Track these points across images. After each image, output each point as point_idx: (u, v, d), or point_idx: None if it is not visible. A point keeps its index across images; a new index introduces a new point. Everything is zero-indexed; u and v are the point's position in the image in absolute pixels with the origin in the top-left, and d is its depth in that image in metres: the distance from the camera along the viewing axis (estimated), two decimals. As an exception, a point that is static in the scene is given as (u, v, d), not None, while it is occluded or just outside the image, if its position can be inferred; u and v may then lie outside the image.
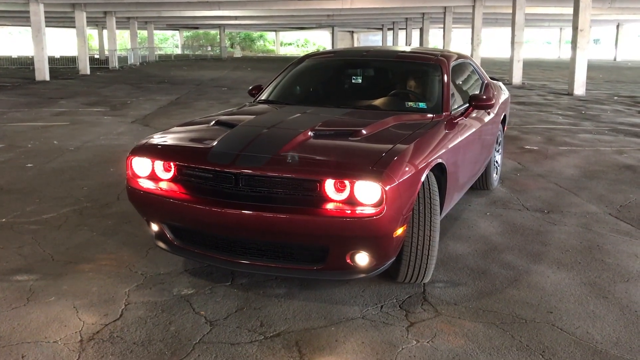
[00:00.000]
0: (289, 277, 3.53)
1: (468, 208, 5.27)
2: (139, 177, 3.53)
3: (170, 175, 3.44)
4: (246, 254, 3.32)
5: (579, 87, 16.71)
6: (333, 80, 4.90)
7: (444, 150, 3.73)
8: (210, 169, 3.24)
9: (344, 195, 3.07)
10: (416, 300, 3.41)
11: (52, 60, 29.20)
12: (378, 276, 3.43)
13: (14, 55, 32.83)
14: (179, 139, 3.69)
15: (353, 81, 4.78)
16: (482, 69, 5.81)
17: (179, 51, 58.77)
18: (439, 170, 3.70)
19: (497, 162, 5.96)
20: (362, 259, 3.17)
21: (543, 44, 66.44)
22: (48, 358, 2.77)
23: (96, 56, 37.89)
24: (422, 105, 4.30)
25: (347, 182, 3.05)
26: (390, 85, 4.65)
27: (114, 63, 30.46)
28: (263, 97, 4.77)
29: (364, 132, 3.54)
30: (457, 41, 41.71)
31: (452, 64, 4.71)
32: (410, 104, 4.32)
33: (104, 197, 5.45)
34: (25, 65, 29.94)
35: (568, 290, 3.55)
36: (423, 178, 3.31)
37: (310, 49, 62.97)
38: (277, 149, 3.24)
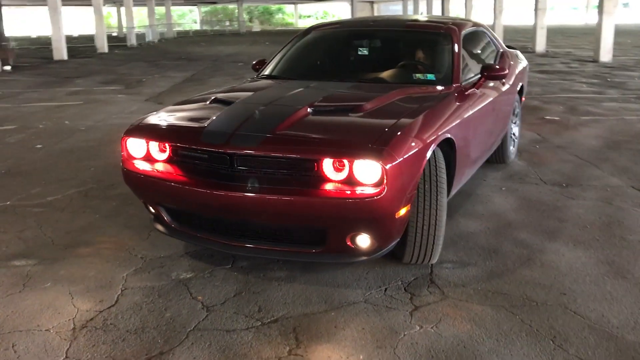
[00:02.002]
0: (290, 260, 3.40)
1: (483, 183, 5.08)
2: (135, 159, 3.41)
3: (165, 156, 3.32)
4: (243, 236, 3.19)
5: (606, 54, 16.15)
6: (338, 53, 4.71)
7: (452, 125, 3.53)
8: (204, 150, 3.10)
9: (343, 175, 2.91)
10: (422, 282, 3.27)
11: (70, 39, 29.29)
12: (383, 257, 3.28)
13: (33, 35, 32.96)
14: (175, 118, 3.56)
15: (359, 53, 4.58)
16: (497, 38, 5.55)
17: (197, 27, 58.49)
18: (448, 146, 3.52)
19: (514, 134, 5.73)
20: (363, 241, 3.02)
21: (569, 9, 64.57)
22: (38, 347, 2.70)
23: (114, 34, 37.85)
24: (430, 77, 4.09)
25: (345, 161, 2.89)
26: (398, 57, 4.43)
27: (132, 40, 30.36)
28: (266, 72, 4.60)
29: (366, 107, 3.36)
30: (480, 9, 40.70)
31: (464, 32, 4.47)
32: (418, 75, 4.12)
33: (109, 178, 5.37)
34: (44, 45, 29.98)
35: (584, 270, 3.37)
36: (429, 155, 3.14)
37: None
38: (273, 127, 3.08)
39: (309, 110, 3.29)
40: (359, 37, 4.67)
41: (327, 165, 2.91)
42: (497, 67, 4.16)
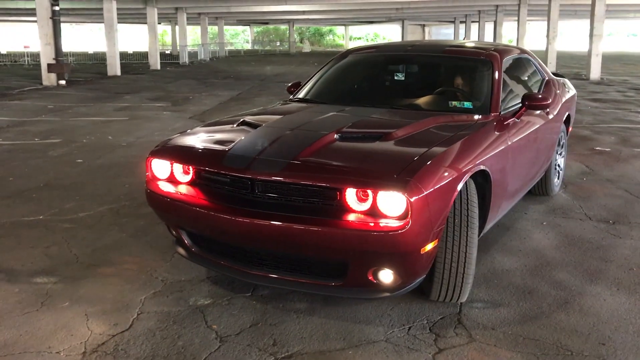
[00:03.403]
0: (309, 292, 3.26)
1: (524, 216, 4.84)
2: (159, 180, 3.36)
3: (189, 178, 3.26)
4: (262, 265, 3.08)
5: (663, 83, 15.50)
6: (373, 77, 4.59)
7: (488, 155, 3.36)
8: (225, 173, 3.03)
9: (366, 205, 2.78)
10: (449, 322, 3.08)
11: (125, 55, 30.15)
12: (410, 293, 3.11)
13: (90, 51, 34.14)
14: (200, 140, 3.50)
15: (395, 78, 4.45)
16: (543, 65, 5.33)
17: (249, 46, 59.52)
18: (483, 178, 3.34)
19: (558, 165, 5.47)
20: (386, 276, 2.87)
21: (627, 36, 62.82)
22: (46, 371, 2.64)
23: (167, 52, 38.84)
24: (467, 104, 3.92)
25: (369, 192, 2.76)
26: (435, 83, 4.28)
27: (184, 58, 31.07)
28: (300, 95, 4.52)
29: (396, 134, 3.22)
30: (533, 34, 40.05)
31: (506, 59, 4.30)
32: (455, 103, 3.95)
33: (142, 196, 5.31)
34: (100, 61, 31.01)
35: (627, 318, 3.11)
36: (460, 187, 2.97)
37: (380, 43, 62.05)
38: (297, 153, 2.98)
39: (335, 136, 3.18)
40: (395, 62, 4.54)
41: (350, 195, 2.79)
42: (540, 96, 3.96)
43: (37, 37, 17.29)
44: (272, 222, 2.82)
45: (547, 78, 5.11)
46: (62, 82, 17.37)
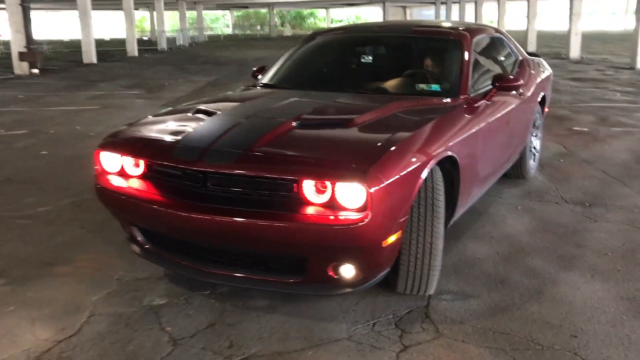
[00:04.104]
0: (267, 290, 3.10)
1: (498, 201, 4.71)
2: (109, 174, 3.17)
3: (140, 172, 3.07)
4: (218, 262, 2.91)
5: (643, 61, 15.47)
6: (339, 60, 4.40)
7: (456, 140, 3.21)
8: (175, 166, 2.84)
9: (325, 198, 2.61)
10: (416, 316, 2.94)
11: (102, 42, 29.60)
12: (376, 286, 2.96)
13: (66, 38, 33.42)
14: (152, 130, 3.30)
15: (362, 61, 4.27)
16: (516, 45, 5.17)
17: (229, 31, 58.81)
18: (451, 164, 3.19)
19: (534, 147, 5.34)
20: (348, 271, 2.71)
21: (608, 15, 62.87)
22: (-17, 383, 2.47)
23: (145, 38, 38.19)
24: (435, 87, 3.76)
25: (327, 183, 2.59)
26: (403, 65, 4.10)
27: (163, 44, 30.53)
28: (264, 79, 4.32)
29: (357, 120, 3.05)
30: (514, 14, 39.89)
31: (476, 39, 4.13)
32: (422, 86, 3.79)
33: (105, 188, 5.15)
34: (76, 49, 30.35)
35: (600, 307, 3.00)
36: (424, 175, 2.81)
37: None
38: (251, 143, 2.80)
39: (293, 124, 3.00)
40: (361, 43, 4.36)
41: (308, 186, 2.62)
42: (511, 77, 3.82)
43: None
44: (224, 217, 2.65)
45: (520, 58, 4.96)
46: (35, 70, 16.92)
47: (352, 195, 2.55)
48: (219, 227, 2.67)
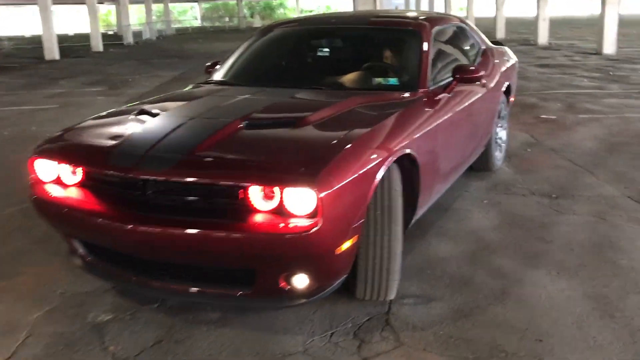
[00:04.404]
0: (215, 304, 2.91)
1: (464, 195, 4.59)
2: (45, 183, 2.95)
3: (78, 180, 2.85)
4: (163, 275, 2.72)
5: (609, 46, 15.58)
6: (295, 54, 4.21)
7: (414, 137, 3.06)
8: (112, 174, 2.64)
9: (273, 204, 2.44)
10: (376, 324, 2.79)
11: (66, 38, 28.88)
12: (337, 291, 2.80)
13: (27, 34, 32.53)
14: (90, 135, 3.09)
15: (318, 55, 4.09)
16: (480, 34, 5.04)
17: (198, 23, 58.00)
18: (410, 161, 3.03)
19: (500, 138, 5.22)
20: (300, 281, 2.54)
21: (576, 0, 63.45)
22: None
23: (110, 32, 37.39)
24: (393, 81, 3.60)
25: (275, 189, 2.42)
26: (361, 58, 3.92)
27: (129, 39, 29.87)
28: (216, 76, 4.11)
29: (310, 119, 2.88)
30: (483, 1, 39.97)
31: (436, 29, 3.98)
32: (380, 80, 3.62)
33: (56, 194, 4.90)
34: (39, 45, 29.62)
35: (566, 308, 2.88)
36: (380, 176, 2.66)
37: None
38: (193, 146, 2.61)
39: (241, 124, 2.81)
40: (317, 36, 4.17)
41: (255, 193, 2.44)
42: (471, 68, 3.68)
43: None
44: (163, 228, 2.46)
45: (483, 47, 4.83)
46: (-7, 68, 16.38)
47: (301, 201, 2.38)
48: (159, 238, 2.48)
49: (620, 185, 4.72)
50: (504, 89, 5.01)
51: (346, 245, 2.53)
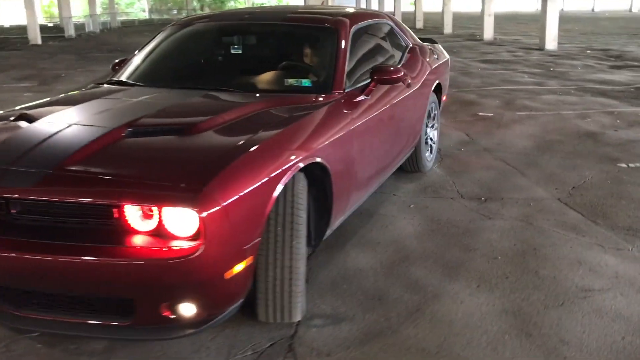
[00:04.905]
0: (90, 336, 2.60)
1: (391, 199, 4.40)
2: None
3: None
4: (34, 304, 2.41)
5: (551, 42, 15.77)
6: (204, 53, 3.92)
7: (325, 143, 2.83)
8: (-30, 191, 2.31)
9: (152, 224, 2.17)
10: (279, 350, 2.55)
11: (2, 30, 27.61)
12: (240, 314, 2.56)
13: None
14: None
15: (230, 53, 3.81)
16: (407, 31, 4.86)
17: (146, 16, 56.57)
18: (321, 170, 2.80)
19: (431, 139, 5.06)
20: (187, 309, 2.27)
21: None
22: None
23: (51, 24, 36.02)
24: (306, 82, 3.36)
25: (154, 208, 2.14)
26: (274, 58, 3.67)
27: (70, 31, 28.77)
28: (119, 75, 3.78)
29: (202, 126, 2.61)
30: (432, -4, 40.22)
31: (357, 26, 3.76)
32: (292, 81, 3.37)
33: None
34: (-28, 37, 28.29)
35: (482, 326, 2.70)
36: (279, 190, 2.41)
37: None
38: (62, 159, 2.30)
39: (123, 133, 2.52)
40: (228, 33, 3.88)
41: (132, 212, 2.16)
42: (390, 69, 3.47)
43: None
44: (28, 252, 2.16)
45: (410, 45, 4.64)
46: None
47: (182, 222, 2.12)
48: (23, 264, 2.18)
49: (550, 186, 4.62)
50: (433, 88, 4.84)
51: (238, 267, 2.28)
